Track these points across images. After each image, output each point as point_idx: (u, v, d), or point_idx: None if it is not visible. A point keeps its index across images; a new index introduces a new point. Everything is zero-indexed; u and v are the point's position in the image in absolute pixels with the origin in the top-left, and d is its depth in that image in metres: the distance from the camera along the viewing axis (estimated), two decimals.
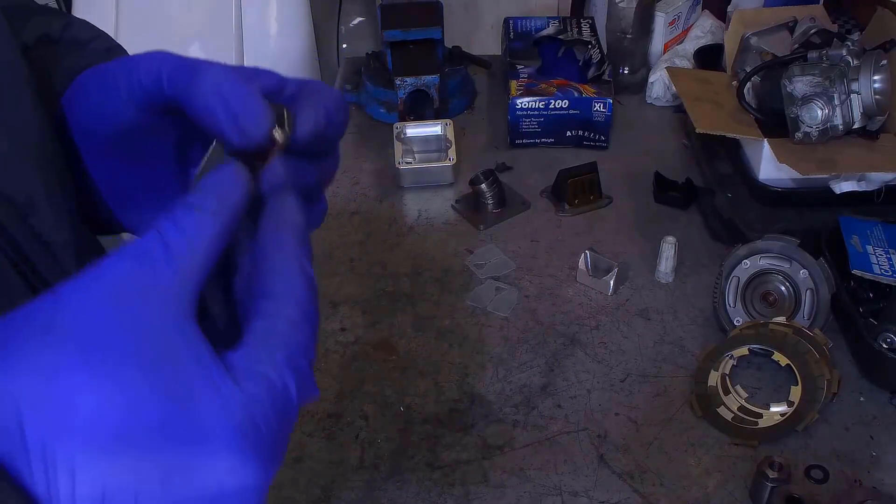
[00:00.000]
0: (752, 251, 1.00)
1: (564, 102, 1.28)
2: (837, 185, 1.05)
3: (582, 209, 1.20)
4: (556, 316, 1.04)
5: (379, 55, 1.42)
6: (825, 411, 0.91)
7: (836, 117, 1.04)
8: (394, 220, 1.20)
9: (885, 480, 0.85)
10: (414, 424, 0.92)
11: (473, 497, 0.85)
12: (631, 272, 1.09)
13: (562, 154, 1.30)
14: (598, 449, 0.89)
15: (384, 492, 0.86)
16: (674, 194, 1.20)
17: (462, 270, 1.11)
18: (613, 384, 0.96)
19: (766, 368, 0.96)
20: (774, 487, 0.81)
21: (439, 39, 1.38)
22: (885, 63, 1.04)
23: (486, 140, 1.35)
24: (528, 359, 0.99)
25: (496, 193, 1.19)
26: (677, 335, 1.01)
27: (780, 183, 1.09)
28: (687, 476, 0.86)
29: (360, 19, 1.96)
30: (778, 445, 0.88)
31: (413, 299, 1.07)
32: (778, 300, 0.99)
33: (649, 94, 1.40)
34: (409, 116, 1.32)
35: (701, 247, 1.13)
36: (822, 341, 0.93)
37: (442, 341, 1.02)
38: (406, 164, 1.24)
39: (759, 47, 1.17)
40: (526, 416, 0.92)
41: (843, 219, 1.03)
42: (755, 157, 1.11)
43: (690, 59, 1.36)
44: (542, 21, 1.45)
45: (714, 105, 1.16)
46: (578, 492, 0.85)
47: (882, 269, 0.96)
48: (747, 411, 0.91)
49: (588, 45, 1.38)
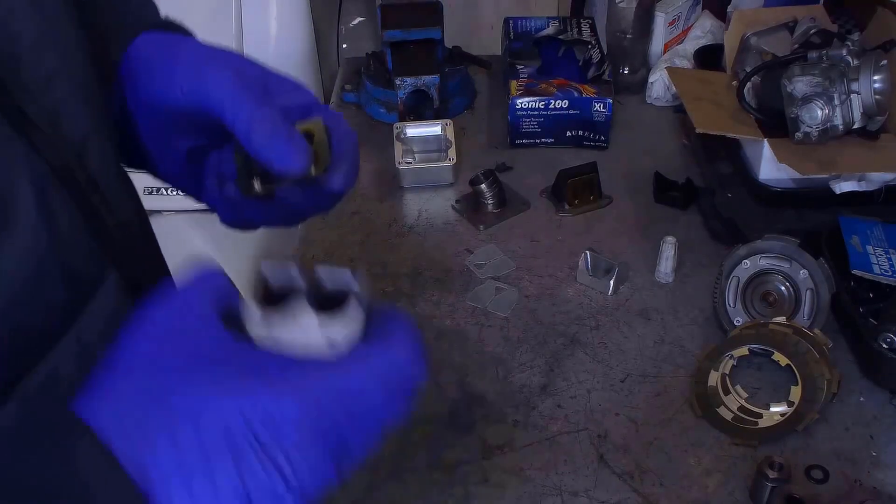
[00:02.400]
0: (752, 251, 1.00)
1: (564, 102, 1.28)
2: (837, 185, 1.05)
3: (582, 209, 1.20)
4: (556, 316, 1.04)
5: (379, 55, 1.42)
6: (825, 411, 0.91)
7: (836, 117, 1.04)
8: (394, 220, 1.20)
9: (885, 480, 0.85)
10: (414, 424, 0.92)
11: (473, 497, 0.85)
12: (631, 272, 1.09)
13: (562, 154, 1.30)
14: (598, 449, 0.89)
15: (384, 492, 0.86)
16: (674, 194, 1.20)
17: (462, 270, 1.11)
18: (613, 384, 0.96)
19: (766, 368, 0.95)
20: (774, 487, 0.81)
21: (439, 39, 1.38)
22: (885, 63, 1.04)
23: (486, 140, 1.35)
24: (528, 359, 0.99)
25: (496, 193, 1.19)
26: (677, 335, 1.01)
27: (780, 183, 1.09)
28: (687, 476, 0.86)
29: (360, 19, 1.96)
30: (778, 445, 0.88)
31: (413, 299, 1.07)
32: (778, 300, 0.99)
33: (649, 94, 1.40)
34: (409, 116, 1.32)
35: (701, 247, 1.13)
36: (822, 341, 0.93)
37: (442, 341, 1.01)
38: (406, 164, 1.24)
39: (759, 47, 1.17)
40: (526, 416, 0.92)
41: (843, 219, 1.03)
42: (755, 157, 1.11)
43: (690, 59, 1.36)
44: (542, 21, 1.45)
45: (714, 105, 1.16)
46: (578, 492, 0.85)
47: (882, 269, 0.96)
48: (747, 411, 0.91)
49: (588, 45, 1.38)
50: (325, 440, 0.40)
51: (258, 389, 0.39)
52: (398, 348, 0.43)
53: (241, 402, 0.38)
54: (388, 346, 0.43)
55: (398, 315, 0.45)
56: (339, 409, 0.40)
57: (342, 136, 0.52)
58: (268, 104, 0.48)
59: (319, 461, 0.39)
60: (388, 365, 0.42)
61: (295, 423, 0.39)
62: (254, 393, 0.39)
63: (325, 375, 0.40)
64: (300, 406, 0.39)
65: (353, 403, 0.41)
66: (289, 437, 0.38)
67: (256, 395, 0.39)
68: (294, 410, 0.39)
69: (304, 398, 0.39)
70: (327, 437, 0.40)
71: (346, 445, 0.41)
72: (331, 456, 0.40)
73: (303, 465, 0.39)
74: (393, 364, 0.42)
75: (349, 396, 0.41)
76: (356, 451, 0.41)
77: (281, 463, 0.38)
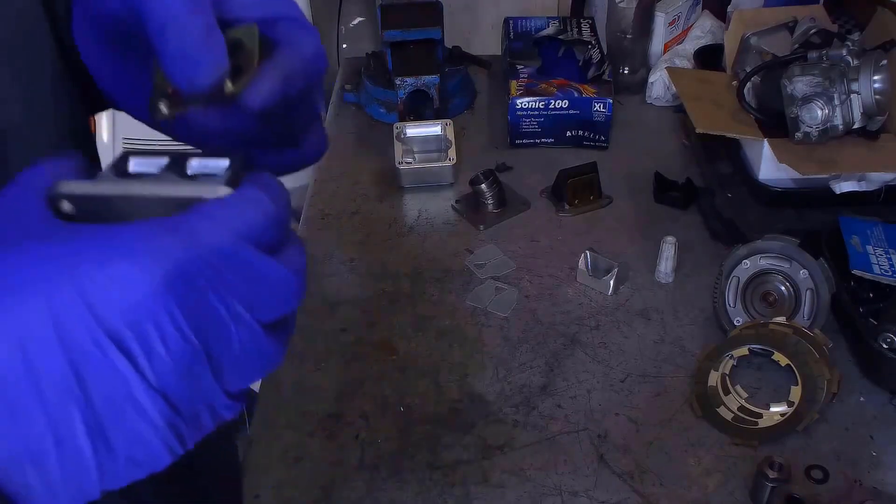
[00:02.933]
0: (752, 251, 1.00)
1: (564, 102, 1.28)
2: (837, 185, 1.05)
3: (582, 209, 1.20)
4: (556, 316, 1.04)
5: (379, 55, 1.42)
6: (825, 411, 0.91)
7: (836, 117, 1.04)
8: (394, 220, 1.20)
9: (886, 480, 0.85)
10: (414, 424, 0.92)
11: (473, 497, 0.85)
12: (631, 272, 1.09)
13: (562, 154, 1.30)
14: (598, 449, 0.89)
15: (384, 492, 0.86)
16: (674, 194, 1.20)
17: (462, 270, 1.11)
18: (613, 384, 0.96)
19: (766, 368, 0.95)
20: (774, 487, 0.81)
21: (439, 39, 1.38)
22: (885, 63, 1.04)
23: (486, 140, 1.35)
24: (528, 359, 0.99)
25: (496, 193, 1.19)
26: (677, 335, 1.01)
27: (780, 183, 1.09)
28: (687, 476, 0.86)
29: (360, 19, 1.96)
30: (778, 445, 0.88)
31: (413, 299, 1.07)
32: (778, 300, 0.99)
33: (649, 94, 1.40)
34: (409, 116, 1.32)
35: (701, 247, 1.13)
36: (822, 341, 0.93)
37: (442, 341, 1.02)
38: (406, 164, 1.24)
39: (759, 47, 1.17)
40: (526, 416, 0.92)
41: (843, 219, 1.03)
42: (755, 157, 1.11)
43: (690, 59, 1.36)
44: (542, 21, 1.45)
45: (714, 105, 1.16)
46: (578, 492, 0.85)
47: (882, 269, 0.96)
48: (747, 411, 0.91)
49: (588, 45, 1.38)
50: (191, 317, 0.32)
51: (99, 257, 0.31)
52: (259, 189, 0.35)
53: (76, 279, 0.31)
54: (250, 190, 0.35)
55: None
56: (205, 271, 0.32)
57: (288, 48, 0.41)
58: (201, 11, 0.38)
59: (185, 346, 0.32)
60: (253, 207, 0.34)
61: (148, 295, 0.31)
62: (94, 263, 0.31)
63: (182, 226, 0.32)
64: (153, 270, 0.31)
65: (220, 261, 0.33)
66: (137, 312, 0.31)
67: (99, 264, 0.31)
68: (147, 278, 0.31)
69: (158, 260, 0.31)
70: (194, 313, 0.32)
71: (218, 320, 0.33)
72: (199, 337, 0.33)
73: (161, 351, 0.31)
74: (259, 205, 0.35)
75: (215, 252, 0.33)
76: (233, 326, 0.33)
77: (134, 351, 0.31)
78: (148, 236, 0.32)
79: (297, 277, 0.35)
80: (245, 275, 0.33)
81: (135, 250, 0.31)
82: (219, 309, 0.33)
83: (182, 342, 0.32)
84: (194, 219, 0.33)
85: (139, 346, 0.31)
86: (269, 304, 0.34)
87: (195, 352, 0.32)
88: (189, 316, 0.32)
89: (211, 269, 0.32)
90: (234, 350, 0.34)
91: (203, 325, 0.32)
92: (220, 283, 0.33)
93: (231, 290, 0.33)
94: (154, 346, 0.31)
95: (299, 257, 0.36)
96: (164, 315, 0.31)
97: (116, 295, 0.31)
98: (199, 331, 0.32)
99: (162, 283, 0.31)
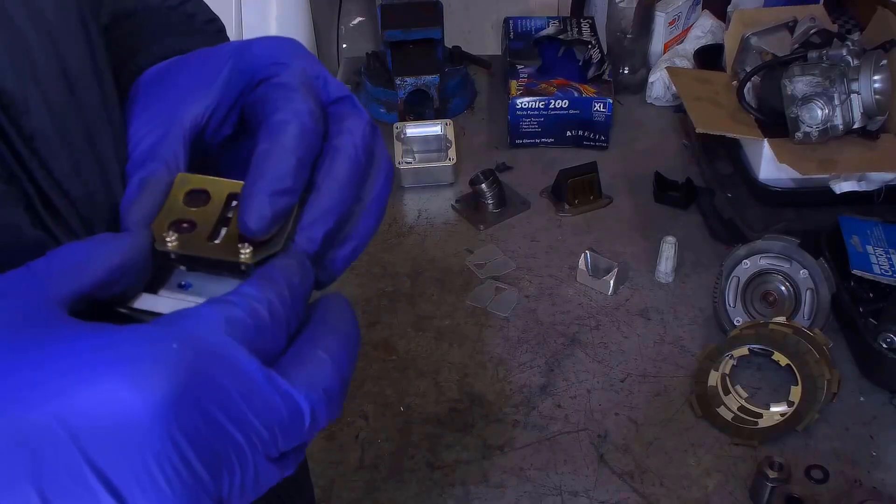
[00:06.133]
0: (752, 251, 1.00)
1: (564, 102, 1.28)
2: (837, 185, 1.05)
3: (582, 209, 1.20)
4: (556, 316, 1.04)
5: (379, 55, 1.42)
6: (825, 411, 0.91)
7: (836, 117, 1.04)
8: (394, 220, 1.20)
9: (886, 480, 0.85)
10: (414, 424, 0.92)
11: (473, 497, 0.85)
12: (631, 272, 1.09)
13: (562, 154, 1.30)
14: (598, 449, 0.89)
15: (384, 492, 0.86)
16: (674, 194, 1.20)
17: (462, 270, 1.11)
18: (613, 384, 0.96)
19: (766, 368, 0.95)
20: (774, 487, 0.81)
21: (439, 39, 1.38)
22: (885, 63, 1.04)
23: (486, 140, 1.35)
24: (528, 359, 0.99)
25: (496, 193, 1.19)
26: (677, 335, 1.01)
27: (780, 183, 1.09)
28: (687, 476, 0.86)
29: (360, 19, 1.96)
30: (778, 445, 0.88)
31: (413, 299, 1.07)
32: (778, 300, 0.99)
33: (649, 94, 1.40)
34: (409, 116, 1.32)
35: (701, 247, 1.13)
36: (822, 341, 0.93)
37: (442, 341, 1.02)
38: (406, 164, 1.24)
39: (759, 47, 1.17)
40: (526, 416, 0.92)
41: (843, 219, 1.03)
42: (755, 157, 1.11)
43: (690, 59, 1.36)
44: (542, 21, 1.45)
45: (714, 105, 1.16)
46: (578, 492, 0.85)
47: (882, 269, 0.96)
48: (747, 411, 0.91)
49: (588, 45, 1.38)
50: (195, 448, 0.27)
51: (89, 377, 0.26)
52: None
53: (58, 401, 0.26)
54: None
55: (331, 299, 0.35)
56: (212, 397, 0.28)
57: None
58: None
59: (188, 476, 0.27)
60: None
61: (148, 423, 0.26)
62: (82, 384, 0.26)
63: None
64: (153, 394, 0.26)
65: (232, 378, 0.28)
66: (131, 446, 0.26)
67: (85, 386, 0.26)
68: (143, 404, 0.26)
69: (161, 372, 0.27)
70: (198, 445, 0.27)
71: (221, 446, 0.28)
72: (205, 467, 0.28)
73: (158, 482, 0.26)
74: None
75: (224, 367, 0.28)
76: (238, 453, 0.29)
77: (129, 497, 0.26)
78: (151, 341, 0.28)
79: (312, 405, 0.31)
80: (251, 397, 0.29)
81: (134, 357, 0.27)
82: (234, 435, 0.28)
83: (192, 480, 0.27)
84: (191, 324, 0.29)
85: (137, 488, 0.26)
86: (283, 436, 0.30)
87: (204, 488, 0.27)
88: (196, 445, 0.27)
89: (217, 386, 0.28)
90: (237, 482, 0.29)
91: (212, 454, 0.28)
92: (230, 402, 0.28)
93: (240, 411, 0.29)
94: (154, 487, 0.26)
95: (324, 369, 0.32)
96: (169, 444, 0.26)
97: (107, 421, 0.25)
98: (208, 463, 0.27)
99: (164, 402, 0.26)
